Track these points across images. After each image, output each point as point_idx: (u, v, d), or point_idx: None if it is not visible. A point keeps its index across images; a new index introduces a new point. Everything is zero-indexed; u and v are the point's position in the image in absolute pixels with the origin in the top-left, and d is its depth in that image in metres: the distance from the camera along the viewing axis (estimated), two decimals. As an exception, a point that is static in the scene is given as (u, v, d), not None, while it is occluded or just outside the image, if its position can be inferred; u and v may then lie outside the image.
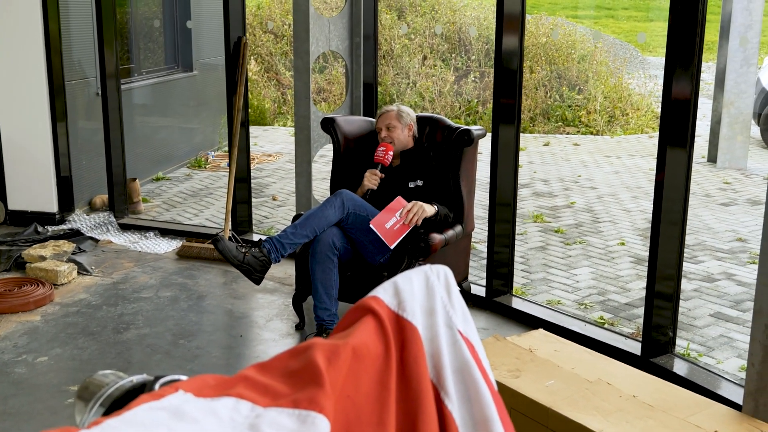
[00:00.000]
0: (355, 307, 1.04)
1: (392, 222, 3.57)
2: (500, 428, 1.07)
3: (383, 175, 3.87)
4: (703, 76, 15.20)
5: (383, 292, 1.08)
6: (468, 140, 3.90)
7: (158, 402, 0.86)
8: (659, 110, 11.31)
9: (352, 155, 4.21)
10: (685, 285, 4.65)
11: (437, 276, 1.13)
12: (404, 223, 3.58)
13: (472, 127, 3.97)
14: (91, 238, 5.39)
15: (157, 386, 0.96)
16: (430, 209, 3.68)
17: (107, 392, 1.01)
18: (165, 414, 0.85)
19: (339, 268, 3.73)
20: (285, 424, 0.87)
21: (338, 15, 4.77)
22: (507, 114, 4.10)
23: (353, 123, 4.32)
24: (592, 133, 10.25)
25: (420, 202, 3.66)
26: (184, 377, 0.94)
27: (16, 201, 5.68)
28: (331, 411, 0.90)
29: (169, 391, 0.88)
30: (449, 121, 4.17)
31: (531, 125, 10.59)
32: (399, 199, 3.66)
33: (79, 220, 5.65)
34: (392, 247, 3.58)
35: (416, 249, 3.70)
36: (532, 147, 9.24)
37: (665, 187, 3.37)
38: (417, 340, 1.05)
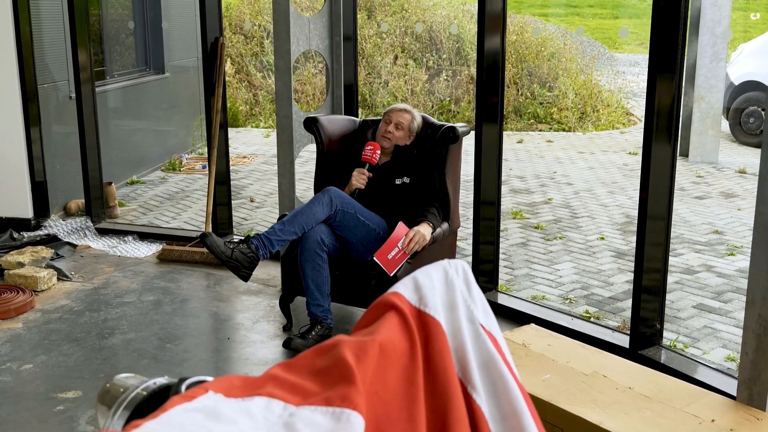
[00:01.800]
0: (375, 303, 1.03)
1: (394, 253, 3.58)
2: (530, 421, 1.07)
3: (371, 175, 3.86)
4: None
5: (403, 288, 1.08)
6: (453, 137, 3.90)
7: (191, 403, 0.85)
8: (629, 106, 11.48)
9: (336, 155, 4.19)
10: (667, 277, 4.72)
11: (456, 270, 1.12)
12: (405, 252, 3.59)
13: (457, 125, 3.98)
14: (68, 243, 5.31)
15: (183, 388, 0.95)
16: (428, 234, 3.66)
17: (130, 395, 1.00)
18: (201, 415, 0.84)
19: (329, 266, 3.71)
20: (320, 422, 0.86)
21: (318, 14, 4.75)
22: (490, 112, 4.12)
23: (336, 122, 4.31)
24: (564, 130, 10.34)
25: (420, 230, 3.62)
26: (209, 378, 0.94)
27: (-10, 207, 5.58)
28: (364, 408, 0.89)
29: (199, 393, 0.87)
30: (433, 119, 4.17)
31: (504, 123, 10.65)
32: (401, 225, 3.64)
33: (56, 225, 5.56)
34: (392, 275, 3.56)
35: (404, 247, 3.69)
36: (505, 144, 9.25)
37: (651, 183, 3.40)
38: (441, 335, 1.04)
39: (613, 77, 12.49)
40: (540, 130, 10.37)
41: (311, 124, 4.19)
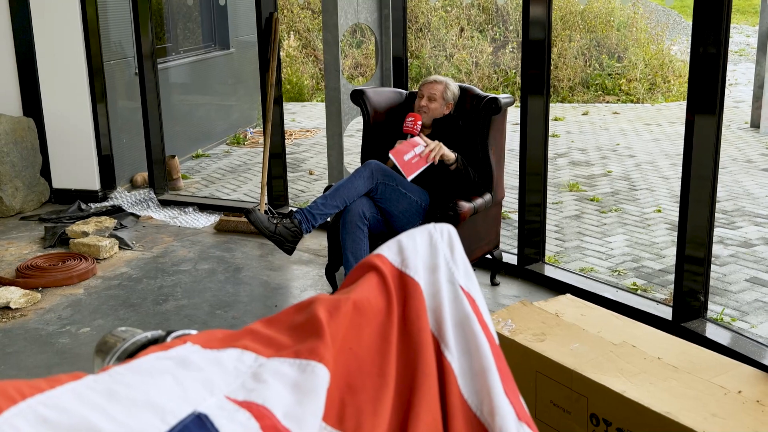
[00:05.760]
0: (360, 264, 1.08)
1: (411, 155, 3.64)
2: (497, 378, 1.11)
3: (412, 146, 3.89)
4: (746, 39, 14.78)
5: (387, 250, 1.12)
6: (496, 108, 3.90)
7: (165, 352, 0.91)
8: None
9: (382, 127, 4.24)
10: (722, 251, 4.61)
11: (441, 234, 1.16)
12: (422, 156, 3.63)
13: (500, 96, 3.96)
14: (132, 214, 5.53)
15: (168, 340, 1.01)
16: (449, 152, 3.71)
17: (123, 347, 1.07)
18: (171, 363, 0.90)
19: (370, 239, 3.77)
20: (286, 372, 0.92)
21: (367, -13, 4.78)
22: (535, 85, 4.09)
23: (382, 94, 4.35)
24: (632, 102, 10.10)
25: (441, 143, 3.71)
26: (194, 331, 1.00)
27: (60, 180, 5.85)
28: (331, 361, 0.94)
29: (177, 344, 0.93)
30: (478, 90, 4.17)
31: (570, 95, 10.46)
32: (420, 136, 3.74)
33: (121, 197, 5.80)
34: (409, 179, 3.63)
35: (445, 218, 3.72)
36: (570, 116, 9.15)
37: (694, 153, 3.34)
38: (419, 295, 1.08)
39: (687, 47, 12.10)
40: (607, 102, 10.15)
41: (357, 97, 4.25)
